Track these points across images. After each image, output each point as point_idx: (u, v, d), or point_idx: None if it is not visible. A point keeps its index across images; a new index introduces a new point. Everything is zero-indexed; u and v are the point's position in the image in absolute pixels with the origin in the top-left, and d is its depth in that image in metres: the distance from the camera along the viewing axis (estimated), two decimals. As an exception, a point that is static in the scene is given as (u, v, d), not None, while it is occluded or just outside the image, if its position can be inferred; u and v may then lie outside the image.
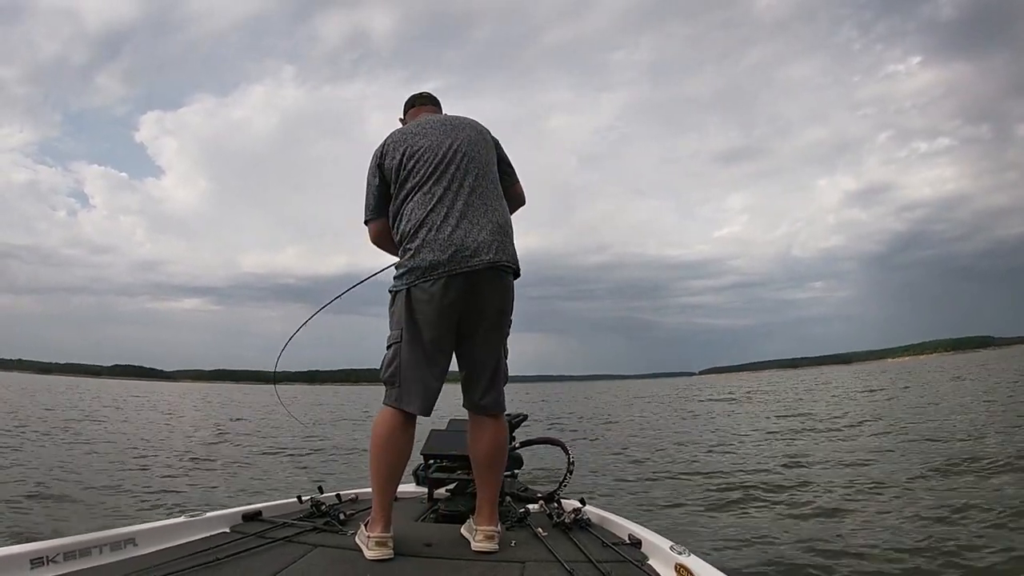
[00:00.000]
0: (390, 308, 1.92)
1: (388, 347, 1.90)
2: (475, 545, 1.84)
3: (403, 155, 1.92)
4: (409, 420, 1.87)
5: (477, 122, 2.06)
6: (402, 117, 2.22)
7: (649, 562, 1.74)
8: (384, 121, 2.33)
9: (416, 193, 1.88)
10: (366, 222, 2.05)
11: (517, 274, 1.94)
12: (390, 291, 1.93)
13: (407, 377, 1.85)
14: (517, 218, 2.07)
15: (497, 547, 1.83)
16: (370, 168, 2.00)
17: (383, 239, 2.04)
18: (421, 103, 2.20)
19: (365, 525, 1.82)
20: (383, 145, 1.99)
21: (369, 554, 1.72)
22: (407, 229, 1.86)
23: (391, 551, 1.74)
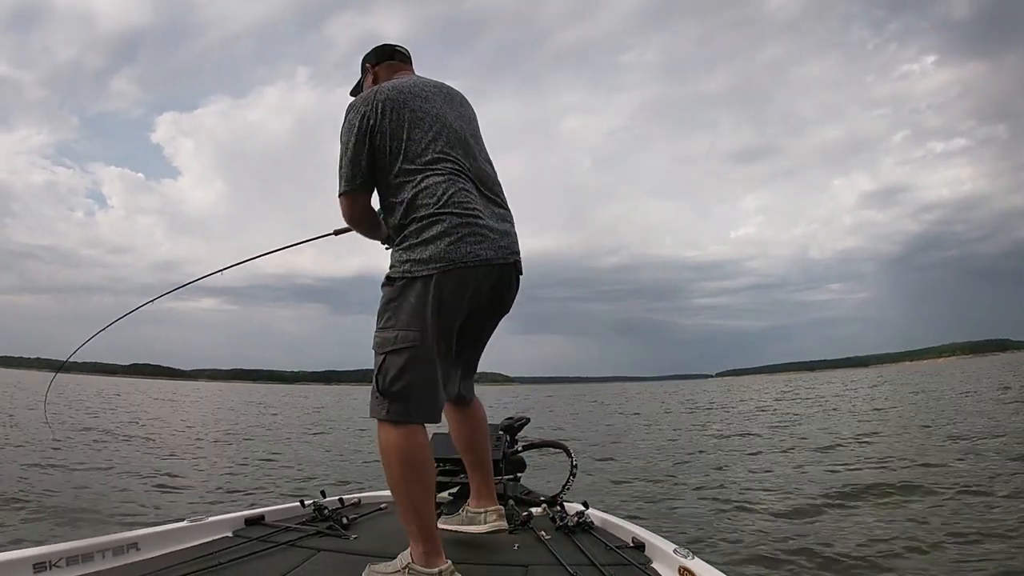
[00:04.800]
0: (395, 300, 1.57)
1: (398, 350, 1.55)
2: (488, 527, 1.86)
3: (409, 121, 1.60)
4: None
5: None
6: (372, 66, 1.87)
7: (653, 565, 1.73)
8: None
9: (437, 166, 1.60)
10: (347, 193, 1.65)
11: None
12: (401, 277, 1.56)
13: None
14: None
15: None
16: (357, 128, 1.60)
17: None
18: (403, 59, 1.89)
19: (415, 559, 1.54)
20: (370, 102, 1.61)
21: None
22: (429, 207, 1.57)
23: None
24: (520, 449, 2.72)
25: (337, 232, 2.20)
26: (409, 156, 1.58)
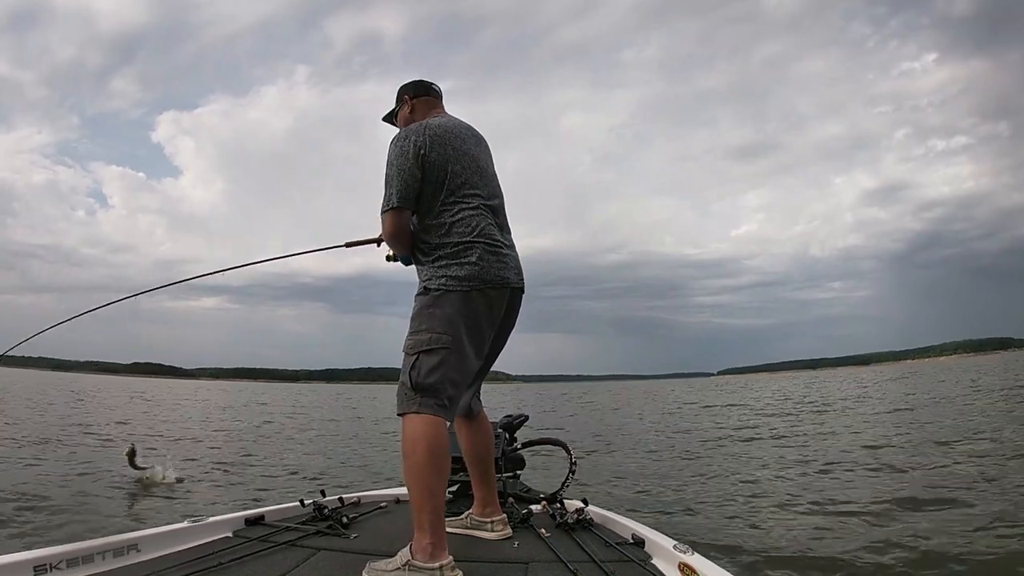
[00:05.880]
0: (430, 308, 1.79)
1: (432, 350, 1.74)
2: (496, 535, 1.99)
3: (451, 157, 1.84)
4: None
5: None
6: (411, 98, 2.06)
7: (653, 561, 1.74)
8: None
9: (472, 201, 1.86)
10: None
11: None
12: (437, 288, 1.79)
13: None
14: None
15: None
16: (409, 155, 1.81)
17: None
18: (437, 96, 2.08)
19: (417, 553, 1.59)
20: (422, 135, 1.83)
21: None
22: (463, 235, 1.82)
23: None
24: (519, 447, 2.73)
25: (379, 242, 2.07)
26: (450, 188, 1.82)
